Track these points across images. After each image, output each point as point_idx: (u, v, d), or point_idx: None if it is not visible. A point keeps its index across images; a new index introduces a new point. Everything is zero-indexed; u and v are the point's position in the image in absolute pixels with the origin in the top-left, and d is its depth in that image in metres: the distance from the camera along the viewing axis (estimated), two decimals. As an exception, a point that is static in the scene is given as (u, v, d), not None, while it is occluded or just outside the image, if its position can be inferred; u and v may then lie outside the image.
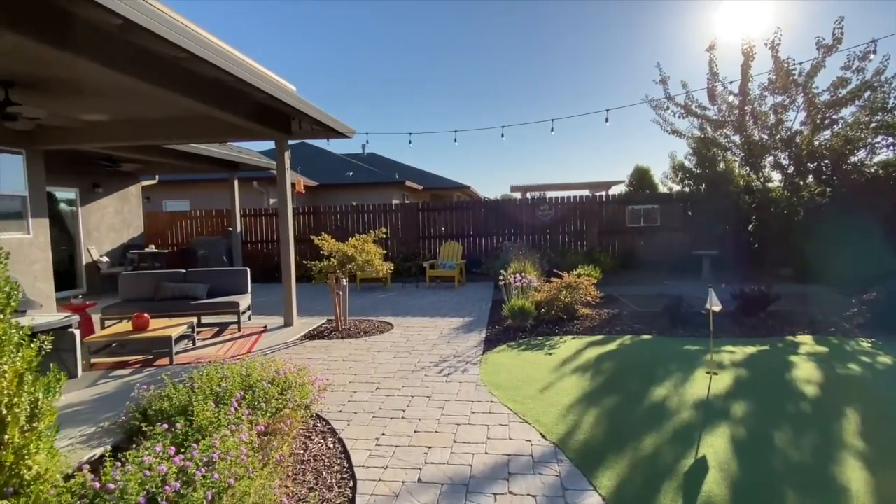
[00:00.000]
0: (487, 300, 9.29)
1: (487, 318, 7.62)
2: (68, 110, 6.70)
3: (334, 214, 14.00)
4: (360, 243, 7.00)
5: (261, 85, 5.32)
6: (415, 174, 25.82)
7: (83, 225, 11.36)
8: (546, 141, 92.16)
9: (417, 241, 13.64)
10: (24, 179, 7.83)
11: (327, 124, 7.20)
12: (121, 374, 5.29)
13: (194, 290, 7.36)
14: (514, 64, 69.80)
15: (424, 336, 6.65)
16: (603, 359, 5.41)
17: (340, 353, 5.91)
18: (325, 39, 70.28)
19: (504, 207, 13.77)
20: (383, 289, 11.31)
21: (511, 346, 6.06)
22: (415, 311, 8.51)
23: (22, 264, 7.76)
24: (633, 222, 13.25)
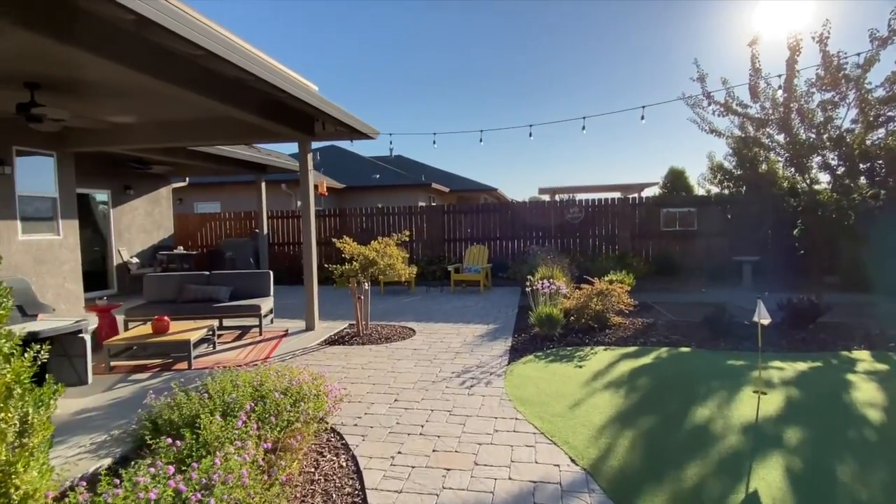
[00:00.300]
0: (513, 306, 8.97)
1: (513, 326, 7.31)
2: (94, 112, 6.72)
3: (360, 217, 13.91)
4: (383, 246, 6.80)
5: (280, 83, 5.18)
6: (442, 176, 25.64)
7: (114, 226, 11.56)
8: (576, 142, 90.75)
9: (443, 244, 13.41)
10: (55, 181, 7.94)
11: (350, 125, 7.04)
12: (139, 378, 5.22)
13: (217, 292, 7.30)
14: (543, 63, 69.02)
15: (447, 343, 6.39)
16: (638, 373, 5.05)
17: (360, 361, 5.71)
18: (351, 40, 71.03)
19: (532, 210, 13.41)
20: (407, 293, 11.12)
21: (538, 356, 5.74)
22: (438, 316, 8.26)
23: (51, 265, 7.87)
24: (668, 226, 12.70)
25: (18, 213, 7.34)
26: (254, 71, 4.70)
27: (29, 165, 7.55)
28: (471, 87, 76.95)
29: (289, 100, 5.85)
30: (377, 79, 79.86)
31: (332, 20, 62.94)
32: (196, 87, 4.99)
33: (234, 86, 5.44)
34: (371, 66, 77.57)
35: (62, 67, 4.86)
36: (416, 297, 10.54)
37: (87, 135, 7.81)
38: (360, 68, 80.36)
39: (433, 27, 60.94)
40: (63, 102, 5.92)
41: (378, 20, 58.47)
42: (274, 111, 6.37)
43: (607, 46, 62.39)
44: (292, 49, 74.81)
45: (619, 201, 13.13)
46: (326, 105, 6.25)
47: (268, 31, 66.65)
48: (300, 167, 7.39)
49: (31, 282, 6.42)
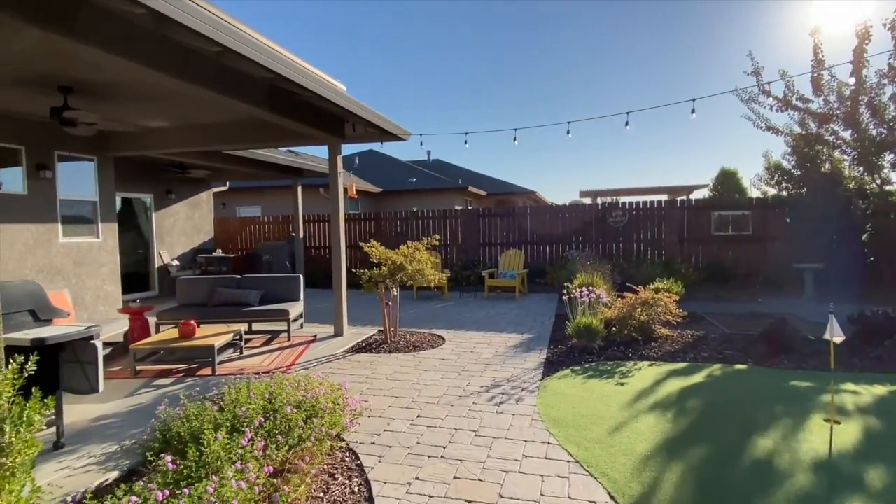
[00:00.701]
0: (550, 315, 8.52)
1: (549, 336, 6.88)
2: (128, 115, 6.79)
3: (394, 220, 13.76)
4: (411, 251, 6.54)
5: (304, 81, 5.00)
6: (479, 180, 25.31)
7: (156, 229, 11.84)
8: (619, 143, 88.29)
9: (477, 248, 13.07)
10: (95, 185, 8.12)
11: (379, 125, 6.83)
12: (162, 384, 5.14)
13: (247, 296, 7.23)
14: (582, 64, 67.62)
15: (477, 354, 6.05)
16: (687, 394, 4.55)
17: (385, 370, 5.44)
18: (387, 42, 71.81)
19: (572, 213, 12.87)
20: (440, 298, 10.82)
21: (575, 370, 5.31)
22: (470, 323, 7.92)
23: (91, 267, 8.03)
24: (719, 230, 11.89)
25: (60, 217, 7.51)
26: (277, 69, 4.53)
27: (70, 170, 7.73)
28: (509, 92, 76.36)
29: (315, 99, 5.69)
30: (413, 83, 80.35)
31: (363, 23, 63.80)
32: (219, 86, 4.88)
33: (261, 86, 5.31)
34: (406, 70, 78.17)
35: (90, 70, 4.85)
36: (448, 302, 10.23)
37: (125, 139, 7.95)
38: (394, 72, 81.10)
39: (467, 29, 60.78)
40: (96, 106, 5.98)
41: (409, 23, 58.83)
42: (303, 113, 6.23)
43: (653, 47, 60.46)
44: (326, 55, 76.33)
45: (665, 204, 12.42)
46: (354, 105, 6.06)
47: (298, 36, 67.89)
48: (330, 170, 7.25)
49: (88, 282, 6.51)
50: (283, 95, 5.67)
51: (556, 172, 78.50)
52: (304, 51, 58.42)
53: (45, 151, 7.25)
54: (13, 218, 6.86)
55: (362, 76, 75.82)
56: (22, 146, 6.95)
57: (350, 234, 14.01)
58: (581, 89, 68.93)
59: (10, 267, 6.82)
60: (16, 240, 6.89)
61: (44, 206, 7.27)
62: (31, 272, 7.10)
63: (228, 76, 4.89)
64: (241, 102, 5.24)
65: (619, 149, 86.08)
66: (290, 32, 62.14)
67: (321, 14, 68.92)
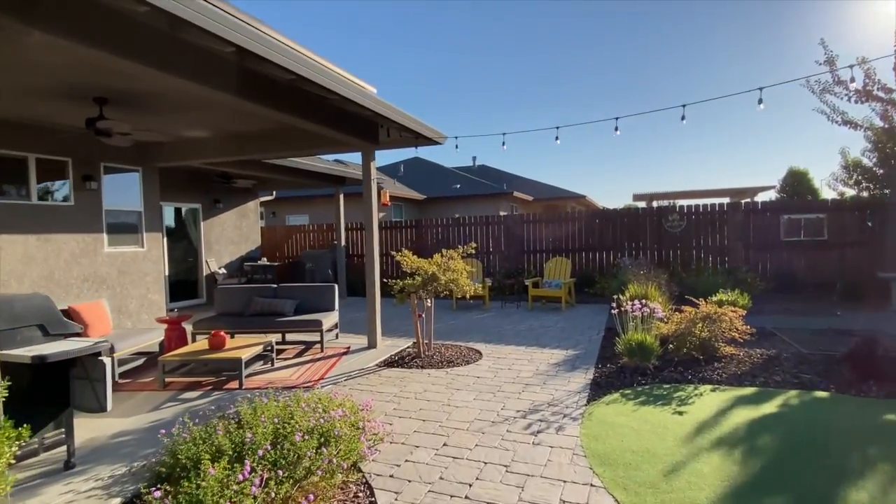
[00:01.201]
0: (599, 328, 7.90)
1: (597, 353, 6.30)
2: (165, 126, 6.84)
3: (436, 227, 13.47)
4: (446, 260, 6.18)
5: (325, 82, 4.76)
6: (526, 185, 24.72)
7: (204, 238, 12.09)
8: (673, 143, 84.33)
9: (521, 255, 12.54)
10: (140, 195, 8.28)
11: (413, 129, 6.53)
12: (188, 398, 5.01)
13: (282, 305, 7.10)
14: (637, 62, 65.43)
15: (516, 372, 5.58)
16: (759, 427, 3.91)
17: (415, 388, 5.08)
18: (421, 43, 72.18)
19: (623, 218, 12.10)
20: (480, 308, 10.38)
21: (626, 394, 4.75)
22: (510, 336, 7.44)
23: (135, 276, 8.17)
24: (790, 235, 10.82)
25: (105, 227, 7.68)
26: (293, 68, 4.30)
27: (115, 181, 7.91)
28: (558, 92, 74.82)
29: (344, 104, 5.46)
30: (454, 86, 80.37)
31: (403, 24, 64.26)
32: (243, 91, 4.72)
33: (287, 92, 5.13)
34: (451, 70, 78.22)
35: (122, 80, 4.82)
36: (489, 313, 9.78)
37: (167, 150, 8.06)
38: (436, 73, 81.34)
39: (513, 27, 60.05)
40: (132, 117, 6.01)
41: (452, 22, 58.73)
42: (334, 119, 6.03)
43: (714, 42, 57.47)
44: (361, 59, 77.58)
45: (728, 207, 11.45)
46: (384, 107, 5.78)
47: (332, 38, 68.93)
48: (363, 177, 7.02)
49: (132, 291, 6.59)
50: (311, 101, 5.47)
51: (608, 176, 76.08)
52: (341, 54, 59.28)
53: (91, 163, 7.44)
54: (60, 228, 7.05)
55: (405, 83, 76.64)
56: (69, 158, 7.14)
57: (391, 241, 13.85)
58: (633, 88, 66.48)
59: (56, 276, 6.99)
60: (62, 249, 7.07)
61: (90, 217, 7.44)
62: (77, 281, 7.27)
63: (248, 79, 4.72)
64: (266, 108, 5.07)
65: (675, 149, 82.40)
66: (323, 36, 63.63)
67: (361, 17, 70.32)
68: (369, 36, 74.88)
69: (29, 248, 6.68)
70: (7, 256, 6.44)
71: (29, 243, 6.68)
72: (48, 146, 6.81)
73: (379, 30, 73.16)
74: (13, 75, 4.67)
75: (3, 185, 6.47)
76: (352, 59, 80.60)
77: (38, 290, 6.79)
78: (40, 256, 6.81)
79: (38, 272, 6.79)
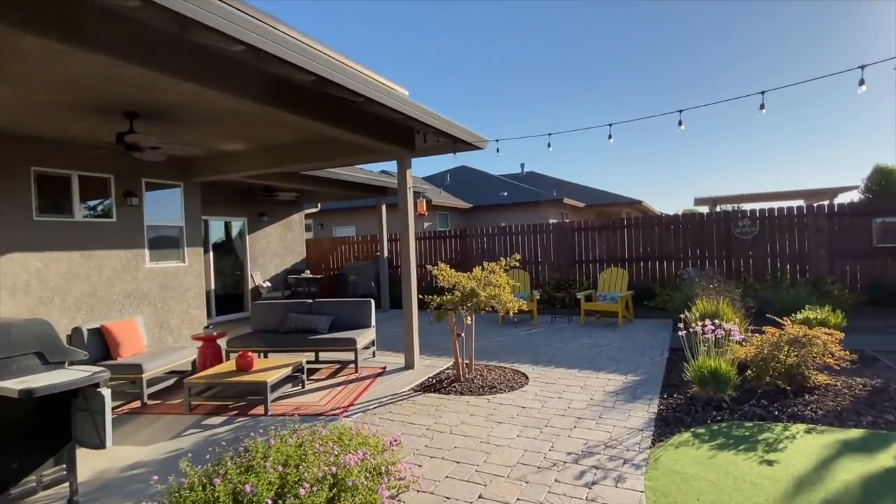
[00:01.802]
0: (661, 348, 7.07)
1: (661, 379, 5.54)
2: (202, 140, 6.73)
3: (481, 237, 12.92)
4: (486, 273, 5.63)
5: (346, 82, 4.36)
6: (577, 191, 23.75)
7: (250, 251, 12.13)
8: (738, 142, 79.25)
9: (572, 266, 11.75)
10: (181, 210, 8.27)
11: (451, 133, 6.07)
12: (211, 424, 4.72)
13: (317, 322, 6.79)
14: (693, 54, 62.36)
15: (567, 401, 4.93)
16: (879, 487, 3.09)
17: (451, 420, 4.54)
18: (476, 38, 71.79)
19: (686, 224, 11.09)
20: (528, 323, 9.70)
21: (699, 435, 4.01)
22: (561, 357, 6.76)
23: (176, 291, 8.14)
24: (884, 241, 9.48)
25: (147, 242, 7.68)
26: (313, 68, 3.93)
27: (157, 196, 7.93)
28: (609, 87, 72.44)
29: (370, 106, 5.06)
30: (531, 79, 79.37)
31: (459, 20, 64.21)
32: (273, 100, 4.43)
33: (312, 97, 4.80)
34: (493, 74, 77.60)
35: (147, 93, 4.66)
36: (537, 329, 9.09)
37: (206, 164, 8.02)
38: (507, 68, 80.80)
39: (567, 21, 58.69)
40: (164, 130, 5.90)
41: (503, 16, 57.89)
42: (368, 126, 5.68)
43: (783, 26, 53.87)
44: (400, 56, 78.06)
45: (807, 210, 10.22)
46: (416, 110, 5.34)
47: (365, 36, 69.71)
48: (398, 186, 6.61)
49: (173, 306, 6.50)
50: (341, 107, 5.12)
51: (666, 181, 72.79)
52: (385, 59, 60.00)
53: (132, 179, 7.46)
54: (103, 244, 7.07)
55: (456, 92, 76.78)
56: (111, 175, 7.18)
57: (434, 252, 13.44)
58: (693, 80, 63.15)
59: (99, 292, 7.01)
60: (105, 265, 7.08)
61: (131, 233, 7.46)
62: (119, 297, 7.27)
63: (272, 85, 4.41)
64: (294, 115, 4.75)
65: (735, 150, 77.74)
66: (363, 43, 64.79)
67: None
68: (424, 51, 75.71)
69: (72, 265, 6.71)
70: (51, 273, 6.49)
71: (72, 260, 6.71)
72: (90, 163, 6.86)
73: (432, 39, 73.86)
74: (48, 91, 4.61)
75: (47, 202, 6.54)
76: (409, 76, 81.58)
77: (81, 306, 6.82)
78: (83, 273, 6.84)
79: (81, 289, 6.81)
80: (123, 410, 5.17)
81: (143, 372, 5.24)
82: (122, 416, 5.03)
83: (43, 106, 5.09)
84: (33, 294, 6.30)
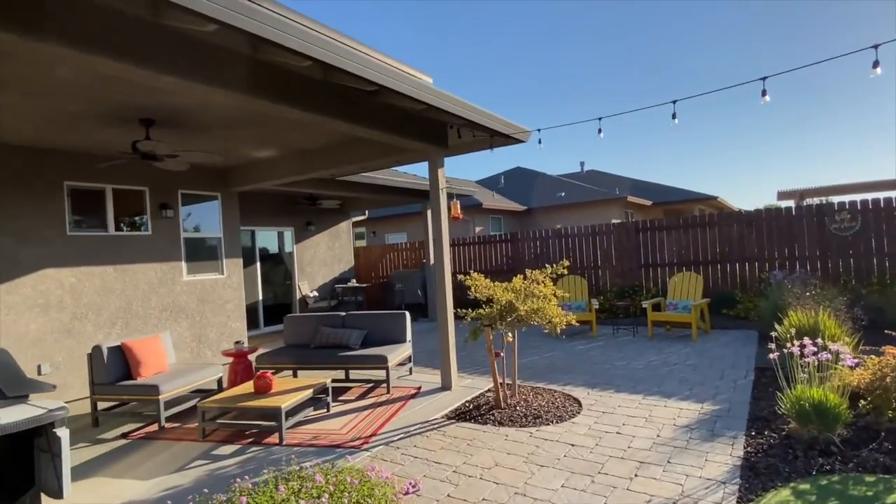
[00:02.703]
0: (745, 367, 5.96)
1: (747, 409, 4.52)
2: (231, 148, 6.47)
3: (533, 241, 12.04)
4: (528, 284, 4.87)
5: (353, 67, 3.79)
6: (643, 189, 22.16)
7: (297, 261, 11.98)
8: (823, 127, 71.95)
9: (637, 270, 10.60)
10: (219, 221, 8.11)
11: (485, 125, 5.37)
12: (220, 454, 4.29)
13: (348, 337, 6.30)
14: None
15: (627, 438, 4.07)
16: None
17: (483, 460, 3.83)
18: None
19: (770, 221, 9.65)
20: (586, 335, 8.73)
21: (803, 493, 3.04)
22: (622, 378, 5.84)
23: (215, 304, 7.97)
24: None
25: (184, 255, 7.55)
26: (309, 52, 3.39)
27: (194, 208, 7.80)
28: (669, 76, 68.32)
29: (386, 97, 4.48)
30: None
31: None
32: (267, 94, 3.95)
33: (321, 89, 4.29)
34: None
35: (163, 96, 4.35)
36: (596, 342, 8.13)
37: (242, 173, 7.83)
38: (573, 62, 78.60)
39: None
40: (182, 138, 5.64)
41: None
42: (395, 122, 5.14)
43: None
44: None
45: (925, 199, 8.54)
46: (441, 98, 4.70)
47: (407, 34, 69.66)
48: (430, 186, 6.00)
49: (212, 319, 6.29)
50: (354, 100, 4.60)
51: (743, 174, 67.50)
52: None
53: (168, 191, 7.36)
54: (138, 258, 6.98)
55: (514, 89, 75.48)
56: (145, 187, 7.10)
57: (483, 258, 12.73)
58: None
59: (134, 307, 6.91)
60: (140, 279, 6.99)
61: (168, 245, 7.35)
62: (155, 311, 7.16)
63: (265, 72, 3.94)
64: (294, 109, 4.26)
65: (822, 138, 70.71)
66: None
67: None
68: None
69: (106, 280, 6.64)
70: (85, 289, 6.43)
71: (106, 274, 6.64)
72: (124, 176, 6.79)
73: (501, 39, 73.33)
74: (75, 102, 4.43)
75: (80, 217, 6.50)
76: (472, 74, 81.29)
77: (116, 321, 6.73)
78: (118, 287, 6.76)
79: (116, 303, 6.73)
80: (139, 434, 4.89)
81: (160, 393, 4.94)
82: (135, 441, 4.74)
83: (66, 117, 4.94)
84: (67, 310, 6.25)
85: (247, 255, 10.93)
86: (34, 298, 5.96)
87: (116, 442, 4.73)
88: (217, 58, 3.55)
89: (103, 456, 4.39)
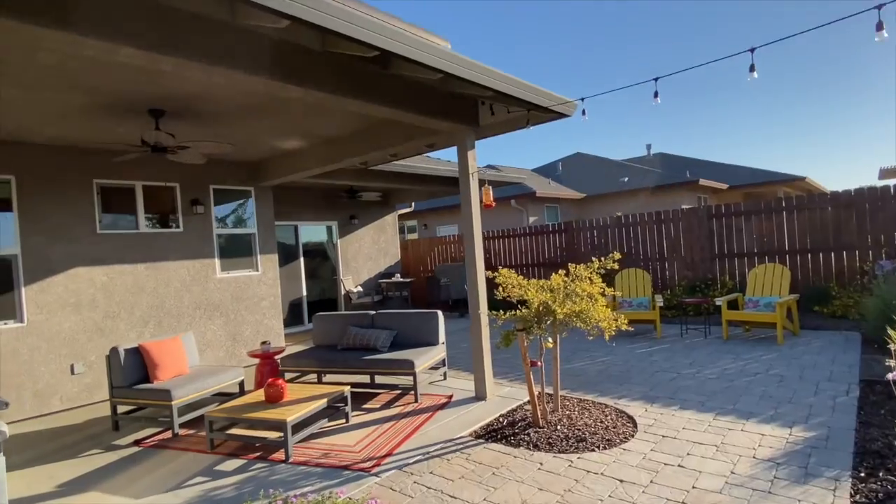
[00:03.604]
0: (847, 380, 4.86)
1: (852, 438, 3.54)
2: (253, 137, 6.14)
3: (590, 230, 11.03)
4: (568, 281, 4.12)
5: (363, 34, 3.20)
6: (718, 170, 20.26)
7: (341, 256, 11.73)
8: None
9: (710, 261, 9.38)
10: (253, 217, 7.90)
11: (518, 96, 4.60)
12: (222, 471, 3.91)
13: (376, 338, 5.81)
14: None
15: (691, 474, 3.25)
16: None
17: (508, 496, 3.16)
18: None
19: (873, 203, 8.14)
20: (649, 336, 7.74)
21: (950, 581, 2.15)
22: (689, 390, 4.93)
23: (249, 301, 7.77)
24: None
25: (217, 251, 7.38)
26: (286, 9, 2.84)
27: (226, 203, 7.61)
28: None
29: (397, 67, 3.87)
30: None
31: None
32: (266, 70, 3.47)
33: (323, 61, 3.76)
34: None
35: (168, 79, 4.01)
36: (660, 345, 7.14)
37: (273, 166, 7.55)
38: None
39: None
40: (193, 128, 5.34)
41: None
42: (412, 99, 4.54)
43: None
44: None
45: None
46: (463, 65, 4.01)
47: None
48: (459, 171, 5.34)
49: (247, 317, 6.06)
50: (360, 73, 4.04)
51: (834, 150, 60.98)
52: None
53: (199, 187, 7.20)
54: (170, 255, 6.87)
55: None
56: (176, 183, 6.95)
57: (535, 250, 11.89)
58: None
59: (167, 305, 6.80)
60: (172, 277, 6.87)
61: (200, 242, 7.19)
62: (188, 309, 7.03)
63: (265, 46, 3.44)
64: (297, 87, 3.75)
65: (939, 109, 62.06)
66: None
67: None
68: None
69: (138, 278, 6.56)
70: (117, 287, 6.37)
71: (138, 272, 6.56)
72: (154, 172, 6.67)
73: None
74: (74, 92, 4.19)
75: (111, 215, 6.43)
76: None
77: (149, 320, 6.65)
78: (150, 286, 6.66)
79: (148, 302, 6.64)
80: (152, 442, 4.64)
81: (172, 399, 4.66)
82: (147, 449, 4.49)
83: (75, 111, 4.76)
84: (100, 309, 6.20)
85: (290, 251, 10.79)
86: (66, 297, 5.93)
87: (128, 450, 4.50)
88: (194, 30, 3.09)
89: (110, 466, 4.16)
